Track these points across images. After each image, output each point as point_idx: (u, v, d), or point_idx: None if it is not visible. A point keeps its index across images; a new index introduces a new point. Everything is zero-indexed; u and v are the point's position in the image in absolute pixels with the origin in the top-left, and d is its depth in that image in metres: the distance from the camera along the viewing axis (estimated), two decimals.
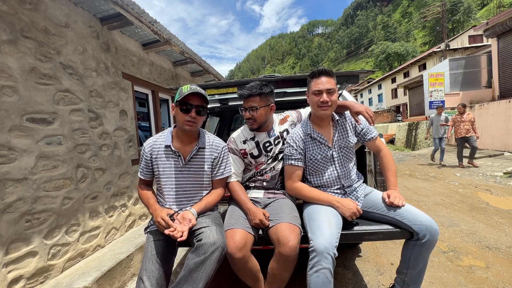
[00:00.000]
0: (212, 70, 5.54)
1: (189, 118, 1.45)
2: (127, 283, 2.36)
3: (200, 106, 1.48)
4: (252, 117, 1.61)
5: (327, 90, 1.48)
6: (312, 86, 1.52)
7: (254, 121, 1.63)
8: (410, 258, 1.40)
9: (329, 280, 1.25)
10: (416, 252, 1.37)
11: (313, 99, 1.53)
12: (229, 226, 1.44)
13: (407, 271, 1.43)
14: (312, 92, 1.52)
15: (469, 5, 38.88)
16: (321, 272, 1.24)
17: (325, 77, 1.50)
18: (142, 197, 1.57)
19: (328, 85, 1.48)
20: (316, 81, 1.51)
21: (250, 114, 1.61)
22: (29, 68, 2.06)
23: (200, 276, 1.20)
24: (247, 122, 1.67)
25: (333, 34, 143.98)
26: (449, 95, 12.41)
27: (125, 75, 3.32)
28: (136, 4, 2.74)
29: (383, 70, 42.24)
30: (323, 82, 1.49)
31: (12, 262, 1.86)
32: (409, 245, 1.41)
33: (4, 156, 1.85)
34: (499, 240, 2.70)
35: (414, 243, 1.37)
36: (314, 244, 1.27)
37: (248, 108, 1.61)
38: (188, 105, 1.45)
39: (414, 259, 1.39)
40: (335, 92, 1.52)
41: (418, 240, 1.34)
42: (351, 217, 1.41)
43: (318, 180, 1.63)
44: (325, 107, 1.50)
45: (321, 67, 1.56)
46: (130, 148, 3.31)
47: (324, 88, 1.48)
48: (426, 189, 5.01)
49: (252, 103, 1.60)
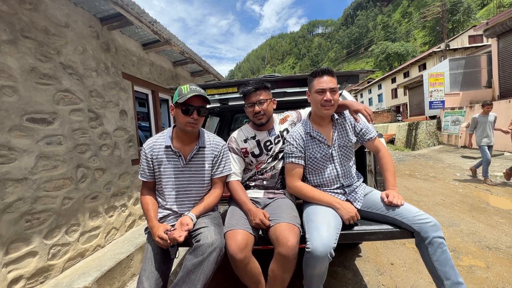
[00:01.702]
0: (212, 70, 5.54)
1: (191, 120, 1.45)
2: (127, 283, 2.36)
3: (201, 107, 1.48)
4: (261, 110, 1.64)
5: (330, 89, 1.49)
6: (315, 85, 1.53)
7: (264, 115, 1.65)
8: (436, 267, 1.30)
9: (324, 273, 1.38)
10: (433, 256, 1.29)
11: (316, 98, 1.53)
12: (230, 227, 1.44)
13: (438, 277, 1.31)
14: (315, 91, 1.52)
15: (469, 5, 38.87)
16: (317, 268, 1.30)
17: (327, 76, 1.51)
18: (143, 206, 1.53)
19: (331, 84, 1.49)
20: (319, 80, 1.51)
21: (259, 107, 1.63)
22: (29, 68, 2.06)
23: (198, 277, 1.19)
24: (256, 117, 1.66)
25: (333, 34, 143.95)
26: (449, 95, 12.41)
27: (125, 75, 3.32)
28: (136, 4, 2.74)
29: (383, 70, 42.24)
30: (326, 81, 1.50)
31: (12, 262, 1.86)
32: (422, 251, 1.35)
33: (4, 156, 1.85)
34: (499, 240, 2.70)
35: (424, 246, 1.32)
36: (311, 247, 1.27)
37: (257, 102, 1.63)
38: (189, 106, 1.44)
39: (439, 266, 1.29)
40: (337, 92, 1.53)
41: (424, 241, 1.32)
42: (348, 221, 1.41)
43: (318, 179, 1.63)
44: (328, 106, 1.51)
45: (323, 66, 1.56)
46: (130, 148, 3.31)
47: (328, 87, 1.48)
48: (426, 189, 5.01)
49: (260, 96, 1.64)
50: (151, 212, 1.47)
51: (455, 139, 10.64)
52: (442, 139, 11.65)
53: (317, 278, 1.38)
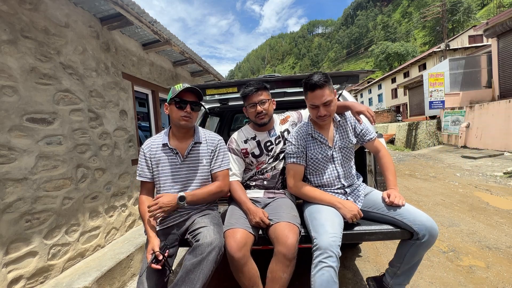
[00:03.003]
0: (212, 70, 5.54)
1: (184, 114, 1.49)
2: (127, 283, 2.36)
3: (194, 103, 1.52)
4: (263, 110, 1.65)
5: (323, 104, 1.46)
6: (308, 99, 1.51)
7: (266, 114, 1.67)
8: (406, 255, 1.41)
9: (334, 281, 1.20)
10: (413, 251, 1.38)
11: (311, 111, 1.54)
12: (230, 225, 1.44)
13: (400, 265, 1.45)
14: (309, 105, 1.53)
15: (469, 5, 38.88)
16: (326, 270, 1.20)
17: (319, 89, 1.43)
18: (140, 213, 1.51)
19: (323, 99, 1.44)
20: (311, 94, 1.47)
21: (262, 107, 1.65)
22: (29, 68, 2.06)
23: (197, 276, 1.20)
24: (258, 117, 1.67)
25: (333, 34, 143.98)
26: (449, 95, 12.40)
27: (125, 75, 3.32)
28: (136, 4, 2.74)
29: (383, 70, 42.23)
30: (317, 97, 1.45)
31: (12, 262, 1.86)
32: (406, 243, 1.42)
33: (4, 156, 1.85)
34: (499, 240, 2.70)
35: (412, 242, 1.37)
36: (318, 241, 1.26)
37: (259, 102, 1.65)
38: (182, 102, 1.49)
39: (409, 256, 1.40)
40: (331, 102, 1.48)
41: (418, 240, 1.34)
42: (351, 219, 1.41)
43: (318, 180, 1.63)
44: (323, 119, 1.51)
45: (316, 74, 1.47)
46: (130, 148, 3.31)
47: (320, 103, 1.46)
48: (426, 189, 5.01)
49: (262, 96, 1.66)
50: (148, 221, 1.45)
51: (455, 139, 10.64)
52: (442, 139, 11.65)
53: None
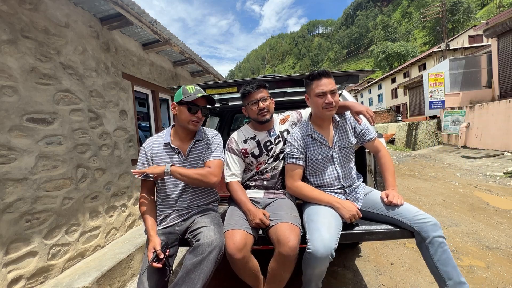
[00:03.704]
0: (212, 70, 5.54)
1: (195, 119, 1.51)
2: (127, 283, 2.36)
3: (205, 107, 1.55)
4: (265, 107, 1.66)
5: (330, 91, 1.49)
6: (314, 88, 1.52)
7: (268, 111, 1.67)
8: (437, 267, 1.29)
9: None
10: (437, 257, 1.28)
11: (316, 101, 1.53)
12: (229, 227, 1.44)
13: (444, 279, 1.29)
14: (316, 94, 1.52)
15: (469, 5, 38.87)
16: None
17: (325, 78, 1.51)
18: (141, 212, 1.52)
19: (331, 86, 1.49)
20: (318, 83, 1.51)
21: (264, 104, 1.66)
22: (29, 68, 2.06)
23: (197, 276, 1.20)
24: (260, 114, 1.67)
25: (333, 34, 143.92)
26: (449, 95, 12.40)
27: (125, 75, 3.32)
28: (136, 4, 2.74)
29: (383, 70, 42.22)
30: (325, 84, 1.49)
31: (12, 262, 1.86)
32: (423, 252, 1.34)
33: (4, 156, 1.85)
34: (499, 240, 2.70)
35: (424, 246, 1.32)
36: (312, 248, 1.27)
37: (261, 99, 1.66)
38: (196, 106, 1.50)
39: (440, 266, 1.29)
40: (337, 93, 1.53)
41: (424, 241, 1.31)
42: (350, 220, 1.41)
43: (318, 180, 1.63)
44: (330, 108, 1.51)
45: (320, 69, 1.56)
46: (130, 148, 3.31)
47: (328, 90, 1.48)
48: (426, 189, 5.01)
49: (262, 94, 1.67)
50: (148, 221, 1.46)
51: (455, 139, 10.64)
52: (442, 139, 11.65)
53: (316, 277, 1.40)
